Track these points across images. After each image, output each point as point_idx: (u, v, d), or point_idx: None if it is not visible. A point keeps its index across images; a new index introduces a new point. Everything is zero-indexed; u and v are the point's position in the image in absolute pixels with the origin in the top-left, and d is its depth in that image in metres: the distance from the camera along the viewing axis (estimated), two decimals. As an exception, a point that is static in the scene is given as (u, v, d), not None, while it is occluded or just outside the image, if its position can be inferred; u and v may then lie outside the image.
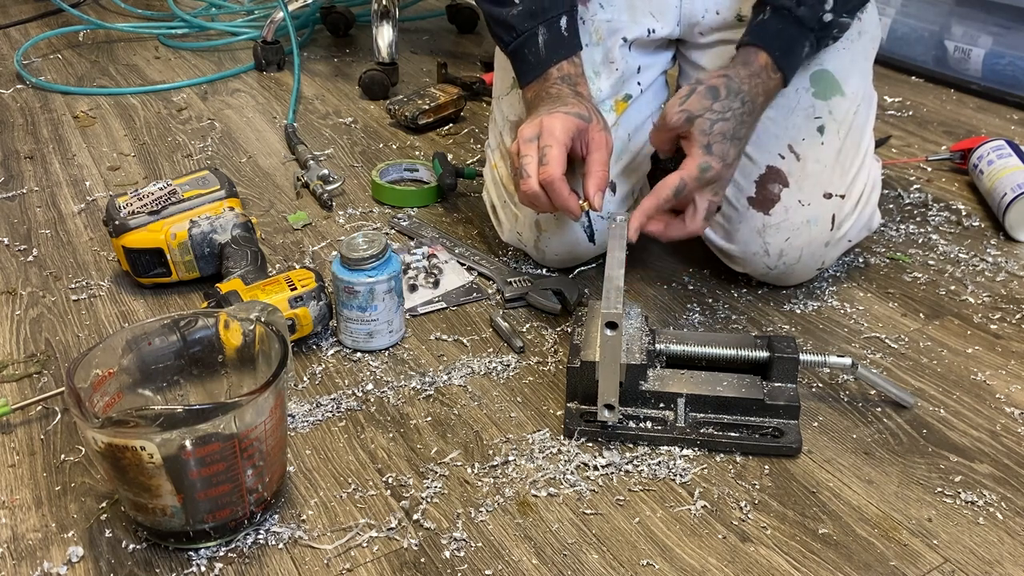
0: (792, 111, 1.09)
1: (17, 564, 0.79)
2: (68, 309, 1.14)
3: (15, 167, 1.51)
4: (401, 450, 0.92)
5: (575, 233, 1.14)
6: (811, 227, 1.08)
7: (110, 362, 0.81)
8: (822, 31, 1.01)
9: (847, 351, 1.06)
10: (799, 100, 1.09)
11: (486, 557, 0.80)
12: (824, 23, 1.00)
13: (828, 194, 1.08)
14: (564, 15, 1.06)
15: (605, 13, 1.14)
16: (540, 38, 1.06)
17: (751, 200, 1.09)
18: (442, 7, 2.24)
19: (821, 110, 1.09)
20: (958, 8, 1.82)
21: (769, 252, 1.10)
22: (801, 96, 1.09)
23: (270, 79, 1.89)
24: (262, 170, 1.50)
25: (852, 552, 0.80)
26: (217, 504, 0.77)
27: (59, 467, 0.90)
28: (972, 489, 0.87)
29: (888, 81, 1.86)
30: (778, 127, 1.09)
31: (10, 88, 1.84)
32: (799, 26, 1.00)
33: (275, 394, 0.77)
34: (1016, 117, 1.69)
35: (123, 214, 1.13)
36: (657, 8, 1.15)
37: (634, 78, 1.16)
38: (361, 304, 1.02)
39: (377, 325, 1.03)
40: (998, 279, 1.19)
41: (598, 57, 1.14)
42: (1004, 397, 0.99)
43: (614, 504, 0.85)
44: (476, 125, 1.67)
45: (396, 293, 1.04)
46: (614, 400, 0.89)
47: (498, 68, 1.24)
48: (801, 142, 1.09)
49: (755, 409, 0.92)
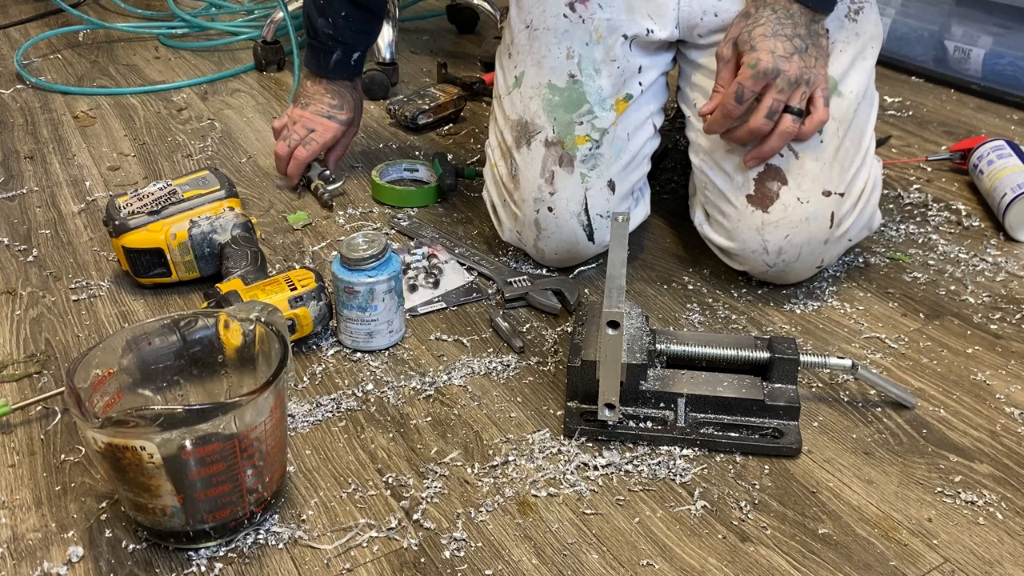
0: None
1: (17, 564, 0.79)
2: (68, 309, 1.14)
3: (15, 167, 1.51)
4: (401, 450, 0.92)
5: (575, 232, 1.15)
6: (810, 224, 1.08)
7: (110, 362, 0.81)
8: None
9: (847, 351, 1.06)
10: None
11: (486, 557, 0.80)
12: None
13: (827, 192, 1.08)
14: (359, 51, 1.37)
15: (604, 12, 1.14)
16: (334, 56, 1.35)
17: (750, 198, 1.09)
18: (442, 7, 2.24)
19: None
20: (958, 8, 1.82)
21: (768, 250, 1.10)
22: None
23: (270, 79, 1.89)
24: (262, 170, 1.50)
25: (852, 552, 0.80)
26: (217, 504, 0.77)
27: (59, 467, 0.90)
28: (972, 489, 0.87)
29: (888, 81, 1.86)
30: None
31: (10, 88, 1.84)
32: None
33: (275, 394, 0.77)
34: (1016, 117, 1.69)
35: (123, 214, 1.13)
36: (655, 10, 1.15)
37: (635, 77, 1.16)
38: (361, 304, 1.02)
39: (377, 325, 1.03)
40: (998, 279, 1.19)
41: (598, 55, 1.14)
42: (1004, 397, 0.99)
43: (614, 504, 0.85)
44: (476, 125, 1.67)
45: (396, 293, 1.04)
46: (615, 399, 0.89)
47: (499, 68, 1.24)
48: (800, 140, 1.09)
49: (755, 410, 0.92)
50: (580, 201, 1.14)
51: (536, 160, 1.14)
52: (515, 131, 1.16)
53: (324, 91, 1.38)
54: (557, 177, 1.13)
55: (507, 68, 1.21)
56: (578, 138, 1.13)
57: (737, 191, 1.10)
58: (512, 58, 1.20)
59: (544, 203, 1.14)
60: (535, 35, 1.17)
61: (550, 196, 1.14)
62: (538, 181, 1.14)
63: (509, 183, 1.17)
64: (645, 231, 1.29)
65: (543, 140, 1.14)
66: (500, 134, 1.20)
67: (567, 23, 1.15)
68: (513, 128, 1.17)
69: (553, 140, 1.14)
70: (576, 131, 1.13)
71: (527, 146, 1.15)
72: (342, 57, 1.35)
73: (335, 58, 1.35)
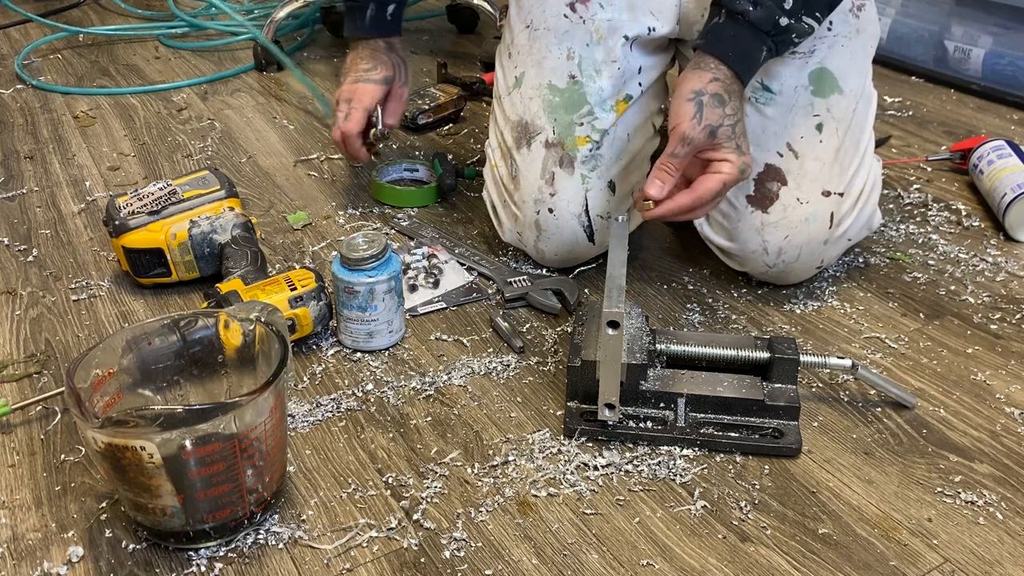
0: (790, 109, 1.09)
1: (17, 564, 0.79)
2: (68, 309, 1.14)
3: (15, 167, 1.51)
4: (401, 450, 0.92)
5: (575, 233, 1.14)
6: (810, 225, 1.08)
7: (110, 362, 0.81)
8: (779, 35, 0.98)
9: (847, 351, 1.06)
10: (797, 98, 1.09)
11: (486, 557, 0.80)
12: (781, 27, 0.97)
13: (827, 192, 1.08)
14: (393, 3, 1.31)
15: (605, 12, 1.14)
16: (368, 12, 1.29)
17: (750, 198, 1.09)
18: (442, 7, 2.24)
19: (820, 108, 1.09)
20: (958, 8, 1.82)
21: (768, 250, 1.10)
22: (800, 94, 1.09)
23: (270, 79, 1.89)
24: (262, 170, 1.50)
25: (852, 552, 0.80)
26: (217, 504, 0.77)
27: (59, 467, 0.90)
28: (972, 489, 0.87)
29: (888, 81, 1.86)
30: (777, 125, 1.09)
31: (10, 88, 1.84)
32: (754, 31, 0.98)
33: (275, 394, 0.77)
34: (1016, 117, 1.69)
35: (123, 214, 1.13)
36: (657, 6, 1.15)
37: (635, 78, 1.16)
38: (361, 304, 1.02)
39: (377, 325, 1.03)
40: (998, 279, 1.19)
41: (599, 56, 1.14)
42: (1004, 397, 0.99)
43: (614, 504, 0.85)
44: (476, 125, 1.67)
45: (396, 293, 1.04)
46: (615, 399, 0.89)
47: (499, 68, 1.24)
48: (800, 140, 1.09)
49: (755, 410, 0.92)
50: (580, 202, 1.13)
51: (536, 161, 1.14)
52: (515, 132, 1.16)
53: (356, 58, 1.33)
54: (557, 178, 1.13)
55: (507, 68, 1.21)
56: (578, 139, 1.13)
57: (737, 191, 1.10)
58: (512, 58, 1.20)
59: (544, 204, 1.14)
60: (535, 35, 1.16)
61: (550, 197, 1.14)
62: (538, 182, 1.14)
63: (509, 184, 1.17)
64: (645, 231, 1.29)
65: (543, 141, 1.14)
66: (500, 134, 1.20)
67: (567, 23, 1.15)
68: (513, 129, 1.17)
69: (553, 141, 1.14)
70: (576, 132, 1.13)
71: (527, 147, 1.15)
72: (376, 12, 1.30)
73: (369, 15, 1.29)
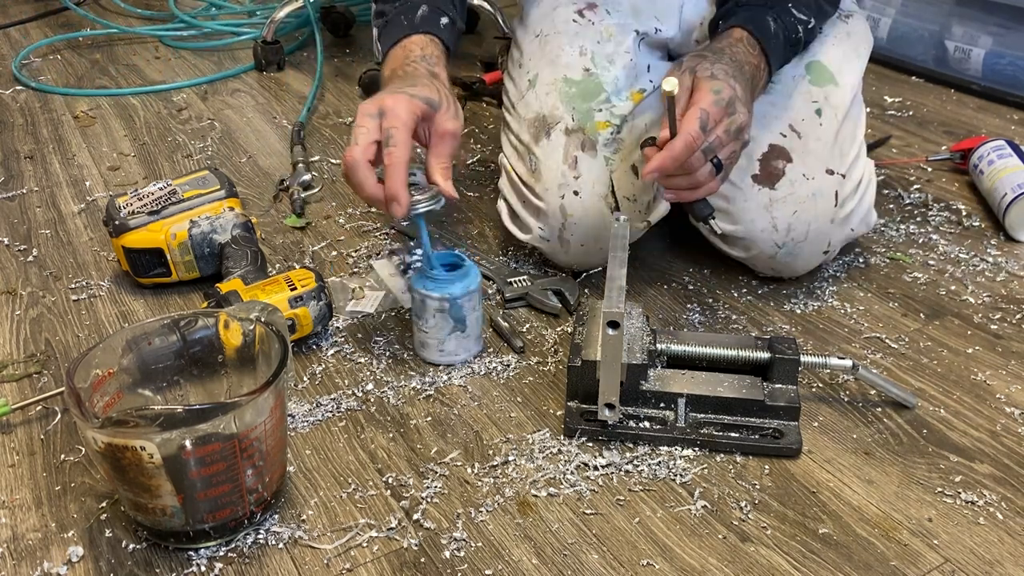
0: (791, 95, 1.13)
1: (17, 564, 0.79)
2: (68, 309, 1.14)
3: (15, 167, 1.51)
4: (401, 450, 0.92)
5: (602, 216, 1.10)
6: (817, 200, 1.09)
7: (110, 362, 0.81)
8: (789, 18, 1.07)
9: (847, 351, 1.06)
10: (797, 86, 1.13)
11: (486, 557, 0.80)
12: None
13: (830, 170, 1.10)
14: (456, 5, 1.11)
15: (612, 17, 1.16)
16: (420, 10, 1.07)
17: (755, 177, 1.09)
18: (442, 7, 2.24)
19: (817, 95, 1.13)
20: (958, 8, 1.82)
21: (777, 227, 1.09)
22: (799, 83, 1.14)
23: (270, 79, 1.89)
24: (262, 170, 1.50)
25: (852, 552, 0.80)
26: (217, 504, 0.77)
27: (59, 467, 0.89)
28: (972, 489, 0.87)
29: (888, 81, 1.86)
30: (778, 109, 1.12)
31: (10, 88, 1.84)
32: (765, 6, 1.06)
33: (275, 394, 0.77)
34: (1016, 117, 1.69)
35: (123, 214, 1.13)
36: (660, 11, 1.18)
37: (645, 75, 1.16)
38: (417, 311, 1.01)
39: (427, 338, 1.02)
40: (998, 279, 1.19)
41: (611, 49, 1.14)
42: (1004, 397, 0.99)
43: (614, 504, 0.85)
44: (476, 125, 1.67)
45: (451, 317, 1.00)
46: (615, 399, 0.89)
47: (508, 82, 1.23)
48: (801, 122, 1.11)
49: (755, 410, 0.92)
50: (606, 183, 1.10)
51: (557, 148, 1.11)
52: (532, 127, 1.14)
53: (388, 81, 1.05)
54: (581, 161, 1.10)
55: (518, 77, 1.19)
56: (599, 123, 1.11)
57: (742, 172, 1.09)
58: (523, 67, 1.19)
59: (569, 187, 1.10)
60: (546, 40, 1.17)
61: (575, 180, 1.10)
62: (561, 167, 1.10)
63: (529, 179, 1.14)
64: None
65: (563, 129, 1.11)
66: (515, 138, 1.17)
67: (577, 27, 1.16)
68: (530, 125, 1.14)
69: (573, 127, 1.11)
70: (596, 117, 1.11)
71: (547, 137, 1.12)
72: (428, 13, 1.07)
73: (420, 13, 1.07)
